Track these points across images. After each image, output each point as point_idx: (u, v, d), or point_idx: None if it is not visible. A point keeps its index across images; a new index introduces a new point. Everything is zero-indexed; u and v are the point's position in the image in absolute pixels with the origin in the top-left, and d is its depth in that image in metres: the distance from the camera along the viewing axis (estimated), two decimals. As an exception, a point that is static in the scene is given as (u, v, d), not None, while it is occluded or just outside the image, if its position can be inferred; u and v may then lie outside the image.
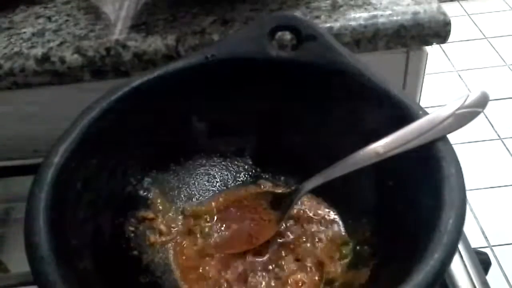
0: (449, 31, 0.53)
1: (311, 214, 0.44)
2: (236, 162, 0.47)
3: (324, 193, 0.44)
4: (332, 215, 0.44)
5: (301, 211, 0.44)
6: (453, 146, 0.35)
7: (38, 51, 0.53)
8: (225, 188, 0.46)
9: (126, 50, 0.52)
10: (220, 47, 0.43)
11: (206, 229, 0.44)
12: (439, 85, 1.78)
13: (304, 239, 0.42)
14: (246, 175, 0.47)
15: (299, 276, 0.40)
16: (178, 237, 0.43)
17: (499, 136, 1.60)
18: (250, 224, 0.43)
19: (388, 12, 0.53)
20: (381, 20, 0.52)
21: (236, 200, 0.45)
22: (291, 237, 0.42)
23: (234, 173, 0.47)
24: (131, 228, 0.41)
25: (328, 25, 0.52)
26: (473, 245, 0.45)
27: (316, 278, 0.40)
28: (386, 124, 0.39)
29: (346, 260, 0.40)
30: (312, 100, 0.43)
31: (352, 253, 0.41)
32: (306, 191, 0.41)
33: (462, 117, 0.34)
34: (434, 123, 0.34)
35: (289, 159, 0.46)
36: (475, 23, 2.03)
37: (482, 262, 0.45)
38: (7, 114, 0.57)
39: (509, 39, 1.95)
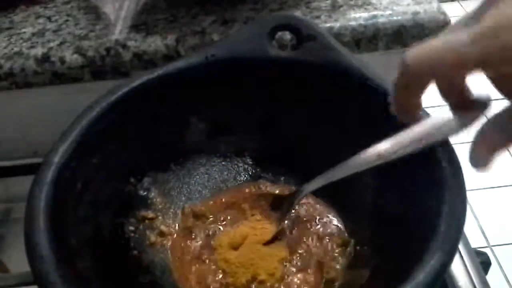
0: None
1: (311, 214, 0.44)
2: (236, 162, 0.47)
3: (324, 194, 0.44)
4: (332, 215, 0.44)
5: (301, 211, 0.44)
6: (453, 146, 0.35)
7: (38, 51, 0.53)
8: (225, 188, 0.46)
9: (126, 50, 0.52)
10: (220, 47, 0.43)
11: (206, 229, 0.44)
12: (439, 85, 1.77)
13: (304, 239, 0.42)
14: (246, 175, 0.47)
15: (299, 276, 0.40)
16: (178, 237, 0.43)
17: (499, 136, 1.60)
18: (250, 224, 0.43)
19: (388, 12, 0.53)
20: (381, 20, 0.52)
21: (236, 201, 0.45)
22: (291, 237, 0.42)
23: (234, 173, 0.47)
24: (131, 228, 0.41)
25: (328, 25, 0.52)
26: (473, 245, 0.45)
27: (316, 278, 0.40)
28: (387, 124, 0.39)
29: (346, 260, 0.40)
30: (312, 100, 0.43)
31: (352, 253, 0.41)
32: (306, 193, 0.41)
33: (465, 120, 0.34)
34: (437, 126, 0.33)
35: (289, 159, 0.46)
36: (475, 23, 2.02)
37: (482, 262, 0.45)
38: (7, 114, 0.57)
39: (509, 39, 1.94)
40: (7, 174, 0.57)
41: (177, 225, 0.44)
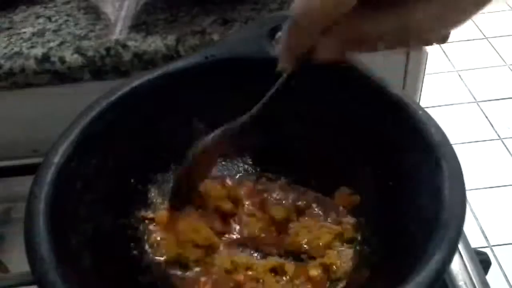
0: (449, 31, 0.53)
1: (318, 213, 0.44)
2: (236, 162, 0.47)
3: (325, 193, 0.44)
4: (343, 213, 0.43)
5: (309, 210, 0.44)
6: (453, 146, 0.35)
7: (38, 51, 0.53)
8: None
9: (126, 50, 0.52)
10: (220, 47, 0.43)
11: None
12: (439, 85, 1.78)
13: (310, 238, 0.42)
14: (246, 175, 0.47)
15: (304, 275, 0.40)
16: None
17: (499, 136, 1.60)
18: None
19: (388, 12, 0.53)
20: (381, 20, 0.52)
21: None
22: (296, 235, 0.42)
23: (234, 173, 0.47)
24: (131, 228, 0.41)
25: (328, 25, 0.52)
26: (473, 245, 0.45)
27: (322, 277, 0.39)
28: (386, 124, 0.39)
29: (352, 261, 0.40)
30: (311, 100, 0.43)
31: (357, 253, 0.40)
32: None
33: None
34: None
35: (289, 159, 0.46)
36: (475, 23, 2.03)
37: (482, 262, 0.45)
38: (7, 114, 0.57)
39: (509, 39, 1.95)
40: (8, 174, 0.57)
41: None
